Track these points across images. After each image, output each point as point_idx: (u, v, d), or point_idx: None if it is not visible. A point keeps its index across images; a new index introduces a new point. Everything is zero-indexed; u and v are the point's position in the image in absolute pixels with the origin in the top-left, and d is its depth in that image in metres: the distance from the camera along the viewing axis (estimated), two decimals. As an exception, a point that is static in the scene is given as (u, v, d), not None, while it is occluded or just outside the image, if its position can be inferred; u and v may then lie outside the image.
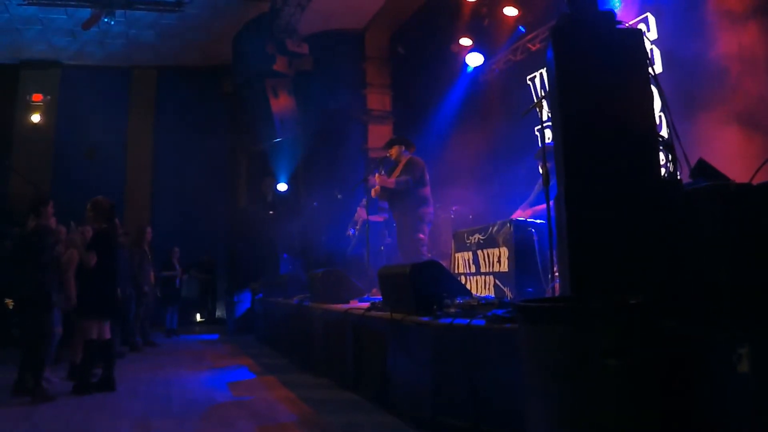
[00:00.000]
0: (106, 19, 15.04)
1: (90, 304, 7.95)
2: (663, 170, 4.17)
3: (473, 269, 7.56)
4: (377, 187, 9.63)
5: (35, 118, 18.46)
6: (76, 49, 18.16)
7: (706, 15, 8.10)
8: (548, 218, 5.32)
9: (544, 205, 6.11)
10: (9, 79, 18.66)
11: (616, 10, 6.68)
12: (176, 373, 9.47)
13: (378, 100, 17.57)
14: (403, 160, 9.62)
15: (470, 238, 7.72)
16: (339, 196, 13.97)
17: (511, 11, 11.95)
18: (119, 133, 19.58)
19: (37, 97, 18.61)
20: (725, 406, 3.00)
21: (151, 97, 20.10)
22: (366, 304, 7.61)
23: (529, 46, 12.10)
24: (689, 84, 7.97)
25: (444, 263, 7.01)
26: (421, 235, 9.25)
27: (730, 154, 6.34)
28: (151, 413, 6.65)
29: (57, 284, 8.10)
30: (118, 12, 15.20)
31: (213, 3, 15.74)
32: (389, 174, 9.64)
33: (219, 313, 18.95)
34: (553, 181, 5.77)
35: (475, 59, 13.30)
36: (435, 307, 5.63)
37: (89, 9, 15.13)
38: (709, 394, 3.06)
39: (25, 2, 14.96)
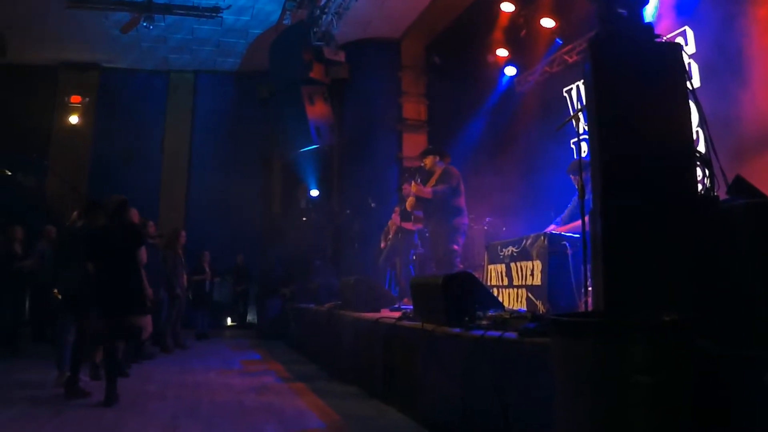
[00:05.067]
0: (144, 24, 15.25)
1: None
2: (699, 186, 4.13)
3: (506, 282, 7.52)
4: (411, 198, 9.61)
5: (73, 119, 18.73)
6: (114, 52, 18.36)
7: (744, 28, 8.02)
8: (583, 232, 5.28)
9: (578, 222, 6.07)
10: (48, 81, 18.89)
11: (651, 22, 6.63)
12: (205, 376, 9.52)
13: (413, 109, 17.54)
14: (438, 170, 9.59)
15: (503, 250, 7.67)
16: (372, 205, 13.96)
17: (548, 23, 11.92)
18: (156, 136, 19.79)
19: (75, 99, 18.87)
20: (758, 428, 2.96)
21: (187, 101, 20.27)
22: (397, 314, 7.60)
23: (566, 58, 12.06)
24: (727, 99, 7.88)
25: (477, 275, 6.95)
26: (456, 246, 9.21)
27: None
28: (180, 415, 6.69)
29: None
30: (157, 16, 15.39)
31: (250, 9, 15.86)
32: (424, 184, 9.59)
33: (250, 317, 18.98)
34: (588, 195, 5.74)
35: (509, 70, 13.33)
36: (467, 318, 5.61)
37: (128, 13, 15.34)
38: (741, 416, 3.02)
39: (66, 5, 15.16)
